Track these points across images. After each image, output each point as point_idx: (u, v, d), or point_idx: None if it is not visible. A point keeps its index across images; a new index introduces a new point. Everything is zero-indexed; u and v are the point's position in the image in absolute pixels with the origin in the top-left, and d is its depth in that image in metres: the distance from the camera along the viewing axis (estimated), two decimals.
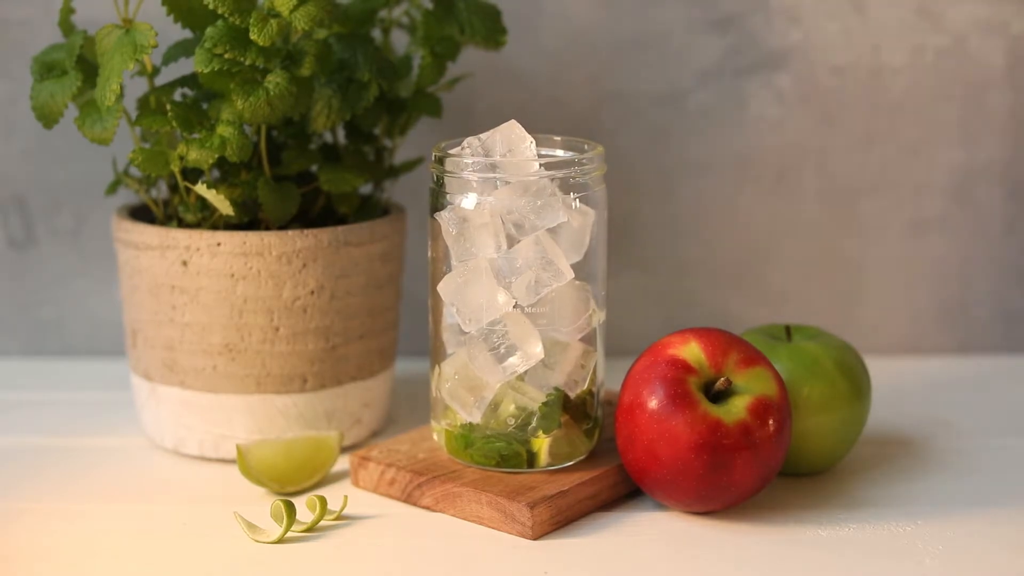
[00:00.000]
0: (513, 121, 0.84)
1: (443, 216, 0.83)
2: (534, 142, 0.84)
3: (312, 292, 0.91)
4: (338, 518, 0.85)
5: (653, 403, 0.82)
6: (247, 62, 0.86)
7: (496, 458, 0.85)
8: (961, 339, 1.17)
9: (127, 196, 1.06)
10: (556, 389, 0.85)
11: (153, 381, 0.94)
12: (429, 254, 0.87)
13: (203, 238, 0.90)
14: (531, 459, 0.85)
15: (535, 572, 0.78)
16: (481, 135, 0.84)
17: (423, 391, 1.02)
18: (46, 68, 0.91)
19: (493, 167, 0.83)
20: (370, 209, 0.99)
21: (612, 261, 1.05)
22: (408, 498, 0.86)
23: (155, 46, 0.86)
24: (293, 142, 0.95)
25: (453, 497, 0.84)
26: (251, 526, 0.82)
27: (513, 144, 0.84)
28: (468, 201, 0.83)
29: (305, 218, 0.98)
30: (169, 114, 0.89)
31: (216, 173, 0.94)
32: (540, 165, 0.83)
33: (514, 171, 0.83)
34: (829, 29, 1.12)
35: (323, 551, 0.80)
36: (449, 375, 0.86)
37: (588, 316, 0.86)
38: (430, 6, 0.98)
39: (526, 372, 0.84)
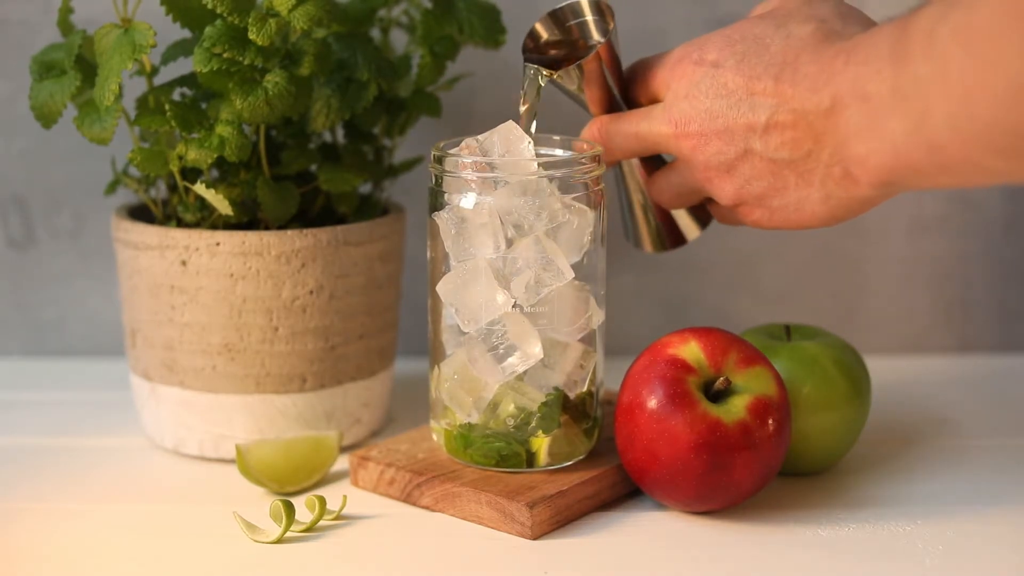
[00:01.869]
0: (511, 122, 0.84)
1: (442, 216, 0.83)
2: (532, 142, 0.84)
3: (311, 292, 0.91)
4: (337, 518, 0.84)
5: (652, 403, 0.82)
6: (246, 62, 0.86)
7: (495, 458, 0.85)
8: (961, 339, 1.17)
9: (126, 196, 1.06)
10: (556, 389, 0.85)
11: (153, 381, 0.94)
12: (428, 254, 0.87)
13: (202, 238, 0.90)
14: (530, 459, 0.85)
15: (535, 572, 0.78)
16: (479, 136, 0.84)
17: (423, 391, 1.02)
18: (45, 68, 0.90)
19: (492, 167, 0.83)
20: (369, 209, 0.99)
21: (612, 261, 1.05)
22: (407, 498, 0.86)
23: (154, 46, 0.86)
24: (292, 142, 0.95)
25: (452, 497, 0.84)
26: (250, 526, 0.82)
27: (511, 144, 0.84)
28: (467, 201, 0.83)
29: (304, 218, 0.98)
30: (168, 114, 0.89)
31: (215, 173, 0.94)
32: (539, 165, 0.83)
33: (513, 171, 0.83)
34: None
35: (322, 551, 0.80)
36: (448, 375, 0.85)
37: (588, 316, 0.85)
38: (429, 5, 0.98)
39: (526, 372, 0.84)
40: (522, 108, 0.87)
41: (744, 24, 0.84)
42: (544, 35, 0.90)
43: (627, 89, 0.90)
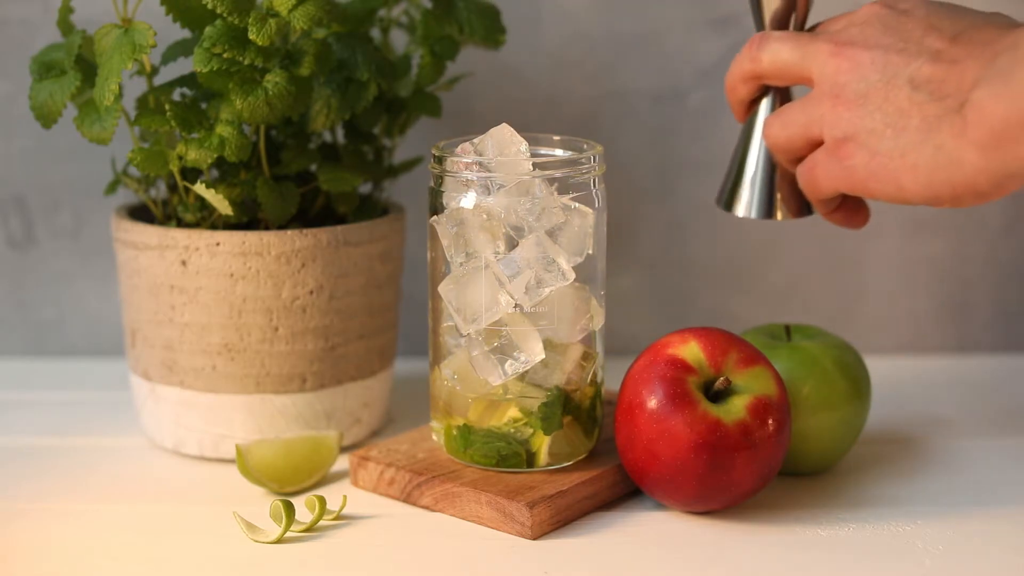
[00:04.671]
0: (505, 124, 0.84)
1: (440, 220, 0.83)
2: (526, 144, 0.84)
3: (311, 292, 0.91)
4: (337, 518, 0.84)
5: (652, 403, 0.82)
6: (246, 62, 0.86)
7: (495, 458, 0.85)
8: (961, 339, 1.17)
9: (126, 196, 1.06)
10: (556, 389, 0.85)
11: (152, 381, 0.94)
12: (428, 254, 0.87)
13: (202, 238, 0.90)
14: (530, 459, 0.85)
15: (535, 572, 0.78)
16: (474, 139, 0.84)
17: (423, 391, 1.02)
18: (45, 68, 0.90)
19: (489, 168, 0.83)
20: (369, 209, 0.99)
21: (612, 261, 1.05)
22: (407, 498, 0.86)
23: (154, 46, 0.86)
24: (292, 142, 0.95)
25: (452, 497, 0.84)
26: (250, 526, 0.82)
27: (505, 147, 0.84)
28: (467, 201, 0.83)
29: (304, 218, 0.98)
30: (168, 114, 0.89)
31: (215, 173, 0.94)
32: (539, 165, 0.83)
33: (512, 172, 0.83)
34: None
35: (322, 551, 0.80)
36: (448, 375, 0.86)
37: (588, 317, 0.85)
38: (429, 5, 0.98)
39: (526, 372, 0.84)
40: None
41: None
42: None
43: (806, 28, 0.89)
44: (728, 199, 0.91)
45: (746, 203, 0.90)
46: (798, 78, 0.85)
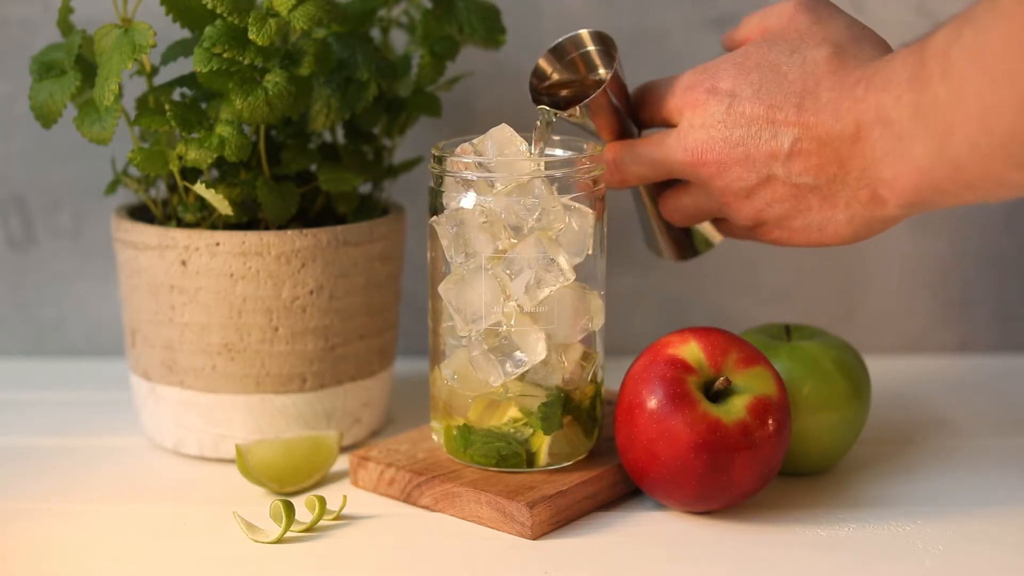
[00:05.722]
0: (504, 124, 0.84)
1: (440, 220, 0.83)
2: (526, 144, 0.84)
3: (311, 292, 0.91)
4: (337, 518, 0.84)
5: (652, 403, 0.82)
6: (246, 62, 0.86)
7: (495, 458, 0.85)
8: (961, 339, 1.17)
9: (126, 196, 1.06)
10: (556, 389, 0.85)
11: (152, 381, 0.94)
12: (428, 254, 0.87)
13: (202, 238, 0.90)
14: (530, 459, 0.85)
15: (535, 572, 0.78)
16: (474, 139, 0.84)
17: (423, 391, 1.02)
18: (45, 68, 0.91)
19: (489, 168, 0.83)
20: (369, 209, 0.99)
21: (612, 261, 1.05)
22: (407, 498, 0.86)
23: (154, 46, 0.86)
24: (292, 142, 0.95)
25: (452, 497, 0.84)
26: (250, 526, 0.82)
27: (505, 147, 0.84)
28: (467, 201, 0.83)
29: (304, 218, 0.98)
30: (168, 114, 0.89)
31: (215, 173, 0.94)
32: (539, 165, 0.83)
33: (513, 171, 0.82)
34: None
35: (322, 551, 0.80)
36: (448, 375, 0.86)
37: (588, 317, 0.85)
38: (429, 5, 0.98)
39: (526, 372, 0.84)
40: (535, 149, 0.86)
41: (754, 50, 0.83)
42: (549, 71, 0.90)
43: (636, 112, 0.90)
44: (656, 248, 0.95)
45: (672, 250, 0.94)
46: (672, 177, 0.88)
